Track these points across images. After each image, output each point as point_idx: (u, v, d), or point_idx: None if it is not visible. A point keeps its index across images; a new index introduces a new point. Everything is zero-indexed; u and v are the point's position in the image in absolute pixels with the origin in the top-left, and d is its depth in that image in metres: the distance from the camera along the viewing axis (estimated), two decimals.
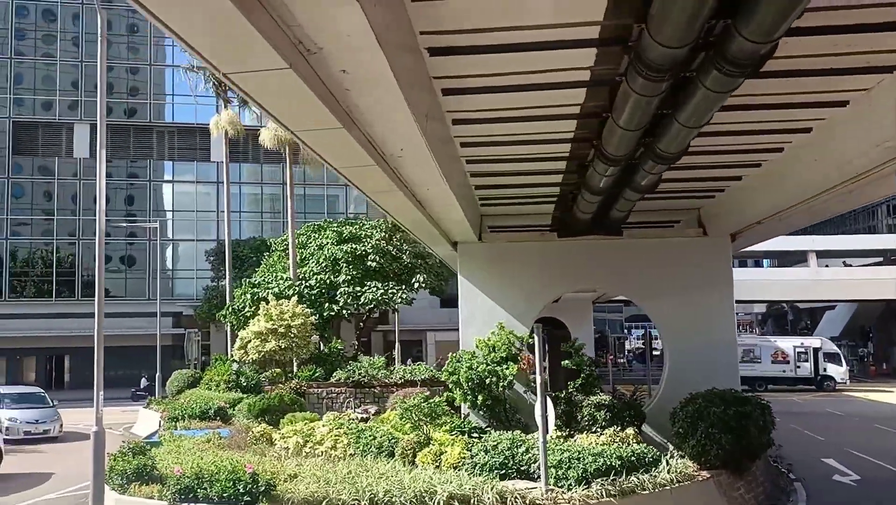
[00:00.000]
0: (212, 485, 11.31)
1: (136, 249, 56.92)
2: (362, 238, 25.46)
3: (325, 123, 6.52)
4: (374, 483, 11.53)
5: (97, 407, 11.16)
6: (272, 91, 5.84)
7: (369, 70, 5.77)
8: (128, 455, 14.12)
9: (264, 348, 20.90)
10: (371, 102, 6.58)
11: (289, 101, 6.18)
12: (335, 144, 7.57)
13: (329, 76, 5.90)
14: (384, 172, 8.68)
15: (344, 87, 6.13)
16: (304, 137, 7.32)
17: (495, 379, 15.27)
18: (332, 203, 59.90)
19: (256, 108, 6.48)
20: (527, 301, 16.79)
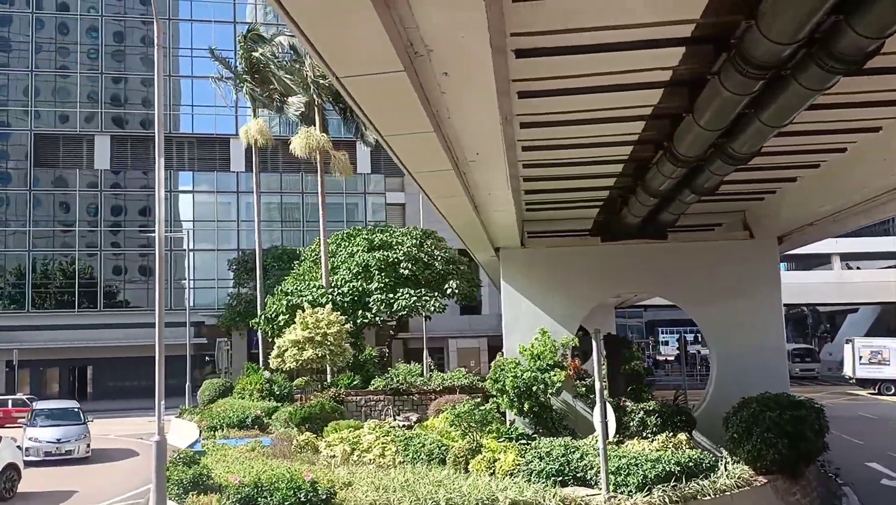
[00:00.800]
0: (272, 494, 11.23)
1: (152, 259, 57.14)
2: (393, 245, 25.42)
3: (418, 127, 6.48)
4: (433, 491, 11.44)
5: (159, 417, 11.13)
6: (377, 95, 5.81)
7: (472, 72, 5.73)
8: (179, 465, 14.16)
9: (301, 357, 20.85)
10: (462, 106, 6.53)
11: (390, 105, 6.14)
12: (420, 149, 7.53)
13: (428, 79, 5.86)
14: (456, 176, 8.64)
15: (440, 90, 6.09)
16: (392, 141, 7.28)
17: (542, 386, 15.14)
18: (350, 211, 59.97)
19: (359, 114, 6.37)
20: (570, 306, 16.68)
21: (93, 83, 56.28)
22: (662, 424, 14.81)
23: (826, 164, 12.03)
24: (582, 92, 8.31)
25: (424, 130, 6.59)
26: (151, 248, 56.35)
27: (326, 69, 5.33)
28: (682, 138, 8.73)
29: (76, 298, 54.40)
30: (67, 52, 56.27)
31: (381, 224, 56.51)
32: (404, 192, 60.51)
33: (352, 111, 24.86)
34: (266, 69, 26.53)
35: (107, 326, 52.77)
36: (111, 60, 56.79)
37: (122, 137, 56.74)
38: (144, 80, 58.38)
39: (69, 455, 21.87)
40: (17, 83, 55.09)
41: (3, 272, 53.85)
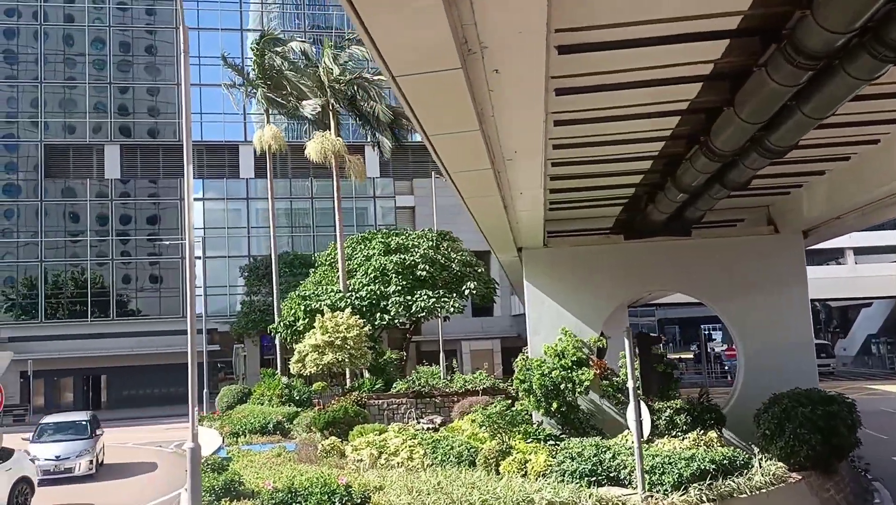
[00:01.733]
0: (306, 499, 11.20)
1: (163, 268, 57.28)
2: (410, 248, 25.39)
3: (464, 126, 6.43)
4: (467, 493, 11.37)
5: (193, 423, 11.09)
6: (430, 93, 5.77)
7: (523, 70, 5.68)
8: (208, 471, 14.13)
9: (322, 361, 20.82)
10: (508, 103, 6.48)
11: (441, 104, 6.10)
12: (463, 148, 7.48)
13: (477, 77, 5.81)
14: (492, 176, 8.59)
15: (488, 87, 6.04)
16: (436, 141, 7.24)
17: (570, 385, 15.05)
18: (360, 215, 60.01)
19: (409, 114, 6.30)
20: (594, 305, 16.61)
21: (100, 93, 56.50)
22: (692, 423, 14.70)
23: (857, 156, 11.93)
24: (619, 88, 8.25)
25: (470, 129, 6.54)
26: (162, 256, 56.55)
27: (383, 68, 5.29)
28: (721, 132, 8.66)
29: (88, 307, 54.53)
30: (74, 63, 56.50)
31: (391, 227, 56.61)
32: (413, 195, 60.53)
33: (366, 115, 24.89)
34: (280, 74, 26.54)
35: (119, 335, 52.89)
36: (117, 71, 57.04)
37: (132, 147, 56.94)
38: (150, 89, 58.64)
39: (69, 473, 20.29)
40: (26, 95, 55.36)
41: (16, 283, 54.05)
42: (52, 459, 20.23)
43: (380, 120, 24.48)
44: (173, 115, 58.42)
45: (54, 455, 20.35)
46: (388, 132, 24.99)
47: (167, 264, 56.94)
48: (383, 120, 24.47)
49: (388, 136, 25.16)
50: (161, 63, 58.73)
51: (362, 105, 24.21)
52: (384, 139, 25.37)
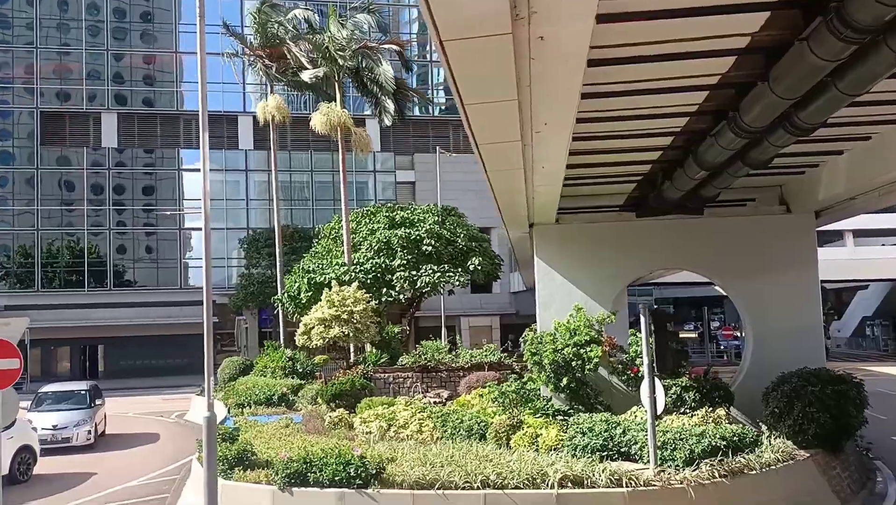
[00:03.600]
0: (321, 469, 11.23)
1: (161, 238, 57.04)
2: (415, 223, 25.27)
3: (502, 95, 6.32)
4: (480, 465, 11.42)
5: (208, 393, 11.06)
6: (474, 58, 5.63)
7: (570, 38, 5.55)
8: (218, 441, 14.14)
9: (328, 335, 20.80)
10: (547, 73, 6.35)
11: (484, 71, 5.98)
12: (497, 118, 7.36)
13: (520, 44, 5.68)
14: (519, 148, 8.48)
15: (530, 56, 5.91)
16: (472, 110, 7.10)
17: (580, 362, 15.07)
18: (360, 190, 59.75)
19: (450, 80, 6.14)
20: (605, 283, 16.59)
21: (96, 60, 55.70)
22: (700, 400, 14.77)
23: (878, 135, 11.84)
24: (652, 60, 8.12)
25: (507, 99, 6.43)
26: (159, 227, 56.28)
27: (433, 31, 5.15)
28: (751, 107, 8.56)
29: (85, 277, 54.33)
30: (69, 29, 55.62)
31: (391, 202, 56.38)
32: (414, 170, 60.28)
33: (369, 85, 24.58)
34: (282, 43, 26.15)
35: (117, 305, 52.73)
36: (113, 38, 56.19)
37: (129, 115, 56.35)
38: (147, 57, 57.83)
39: (67, 443, 20.09)
40: (20, 61, 54.53)
41: (11, 252, 53.74)
42: (49, 428, 20.05)
43: (384, 89, 24.19)
44: (171, 84, 57.81)
45: (52, 424, 20.19)
46: (392, 101, 24.72)
47: (164, 235, 56.71)
48: (387, 89, 24.19)
49: (391, 105, 24.89)
50: (158, 31, 57.93)
51: (366, 74, 23.91)
52: (387, 108, 25.08)
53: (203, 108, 11.12)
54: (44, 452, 19.15)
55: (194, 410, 27.54)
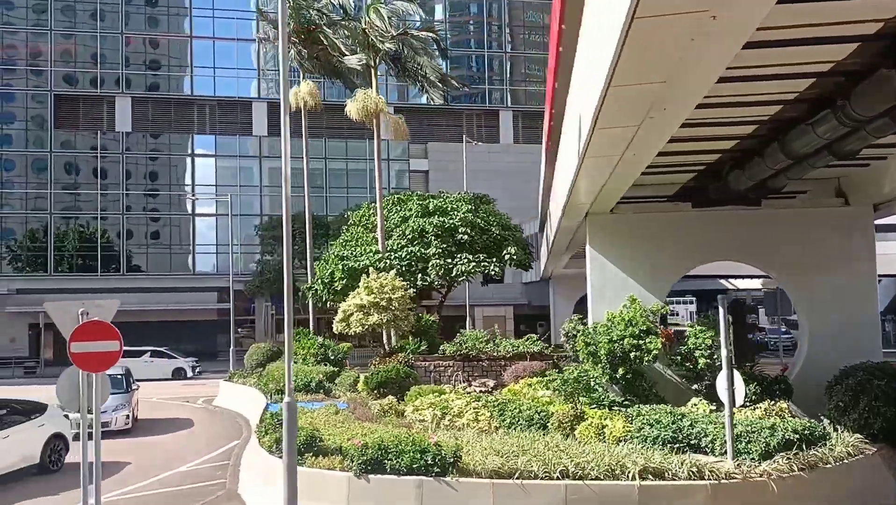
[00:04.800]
0: (398, 456, 11.11)
1: (173, 224, 56.80)
2: (449, 211, 25.10)
3: (653, 77, 6.14)
4: (556, 456, 11.30)
5: (288, 379, 10.92)
6: (650, 36, 5.45)
7: (741, 19, 5.37)
8: (278, 427, 14.01)
9: (368, 322, 20.67)
10: (702, 54, 6.15)
11: (653, 50, 5.79)
12: (632, 101, 7.18)
13: (690, 23, 5.48)
14: (631, 133, 8.29)
15: (689, 37, 5.73)
16: (615, 91, 6.90)
17: (639, 353, 14.96)
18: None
19: (611, 59, 5.92)
20: (660, 274, 16.49)
21: (109, 44, 55.22)
22: (761, 393, 14.69)
23: None
24: (772, 45, 7.93)
25: (655, 81, 6.26)
26: (172, 212, 56.02)
27: (631, 5, 4.97)
28: (866, 95, 8.40)
29: (98, 261, 54.13)
30: (82, 13, 55.11)
31: (405, 191, 56.13)
32: (427, 159, 60.05)
33: (412, 72, 24.35)
34: (318, 29, 25.90)
35: (129, 291, 52.43)
36: (130, 22, 55.71)
37: (143, 99, 55.97)
38: (162, 41, 57.40)
39: (105, 427, 19.46)
40: (34, 45, 54.04)
41: (24, 235, 53.47)
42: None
43: (427, 77, 23.99)
44: (185, 69, 57.34)
45: None
46: (436, 89, 24.52)
47: (176, 221, 56.47)
48: (431, 77, 23.98)
49: (437, 92, 24.70)
50: (174, 14, 57.44)
51: (408, 61, 23.70)
52: (433, 95, 24.88)
53: (284, 94, 10.89)
54: (78, 437, 19.92)
55: (224, 395, 27.42)
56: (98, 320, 8.44)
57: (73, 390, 8.86)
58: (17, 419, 15.03)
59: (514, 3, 63.48)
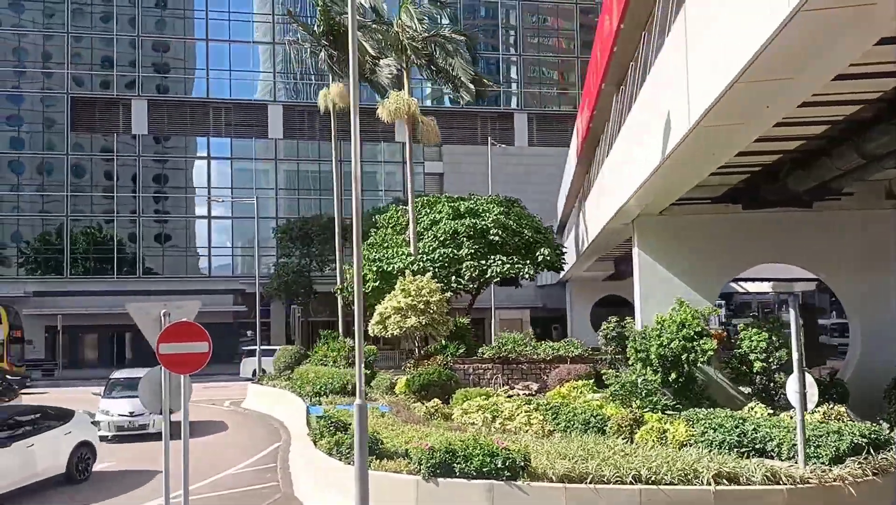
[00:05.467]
0: (467, 459, 10.98)
1: (190, 227, 56.78)
2: (480, 213, 24.99)
3: (790, 72, 6.00)
4: (626, 461, 11.16)
5: (360, 381, 10.80)
6: (811, 31, 5.33)
7: None
8: (331, 429, 13.90)
9: (405, 324, 20.55)
10: (838, 48, 6.00)
11: (802, 44, 5.66)
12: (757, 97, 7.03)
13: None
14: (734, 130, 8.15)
15: (838, 27, 5.59)
16: (742, 87, 6.75)
17: (692, 355, 14.82)
18: (388, 180, 59.54)
19: (747, 56, 5.80)
20: (709, 276, 16.36)
21: (126, 48, 55.22)
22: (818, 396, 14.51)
23: None
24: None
25: (786, 77, 6.15)
26: (187, 215, 56.01)
27: None
28: None
29: (115, 264, 54.10)
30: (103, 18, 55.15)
31: (419, 193, 56.04)
32: (442, 161, 59.99)
33: (445, 73, 24.27)
34: (346, 32, 25.76)
35: (146, 293, 52.34)
36: (147, 26, 55.73)
37: (159, 102, 55.98)
38: (178, 45, 57.40)
39: (143, 430, 19.81)
40: (53, 48, 54.06)
41: (38, 238, 53.44)
42: (125, 414, 19.93)
43: (459, 77, 23.91)
44: (208, 72, 57.27)
45: (128, 411, 19.95)
46: (468, 90, 24.43)
47: (192, 223, 56.44)
48: (464, 78, 23.90)
49: (469, 94, 24.61)
50: (188, 16, 57.42)
51: (440, 63, 23.62)
52: (465, 96, 24.79)
53: (354, 101, 10.79)
54: (120, 438, 19.66)
55: (253, 397, 27.32)
56: (187, 321, 8.35)
57: (155, 391, 8.74)
58: (43, 426, 14.15)
59: (527, 6, 63.48)
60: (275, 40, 28.85)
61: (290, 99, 58.36)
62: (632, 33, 12.94)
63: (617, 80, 16.48)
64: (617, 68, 15.48)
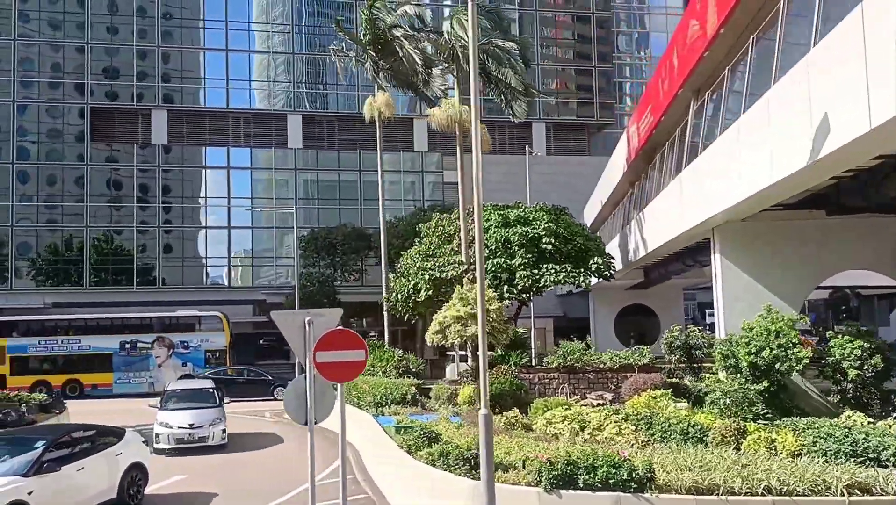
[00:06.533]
0: (590, 471, 10.70)
1: (208, 237, 56.51)
2: (530, 221, 24.78)
3: None
4: (752, 471, 10.89)
5: (484, 391, 10.54)
6: None
7: None
8: (425, 440, 13.61)
9: (466, 333, 20.24)
10: None
11: None
12: None
13: None
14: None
15: None
16: None
17: (786, 363, 14.58)
18: (407, 190, 59.39)
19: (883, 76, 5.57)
20: (794, 283, 16.15)
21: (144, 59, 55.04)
22: None
23: None
24: None
25: None
26: (207, 226, 55.72)
27: None
28: None
29: (134, 274, 53.77)
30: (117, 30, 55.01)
31: (438, 203, 55.79)
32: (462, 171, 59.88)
33: (497, 82, 24.11)
34: (395, 41, 25.72)
35: (164, 304, 51.97)
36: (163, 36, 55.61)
37: (178, 112, 55.82)
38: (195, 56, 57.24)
39: (203, 442, 19.46)
40: (70, 60, 53.82)
41: (53, 248, 53.05)
42: (185, 427, 19.52)
43: (512, 87, 23.77)
44: (228, 82, 57.11)
45: (188, 423, 19.57)
46: (521, 99, 24.28)
47: (214, 235, 56.12)
48: (516, 87, 23.76)
49: (522, 103, 24.45)
50: (208, 28, 57.31)
51: (492, 71, 23.48)
52: (517, 106, 24.64)
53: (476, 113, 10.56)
54: (181, 451, 19.16)
55: None
56: (344, 329, 8.09)
57: (300, 401, 8.47)
58: (94, 447, 12.95)
59: (543, 18, 63.61)
60: (333, 51, 28.48)
61: (309, 109, 58.29)
62: (732, 37, 12.80)
63: (697, 86, 16.34)
64: (701, 75, 15.33)
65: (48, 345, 37.70)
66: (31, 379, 35.87)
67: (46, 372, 37.27)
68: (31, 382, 35.35)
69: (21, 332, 38.27)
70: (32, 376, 36.32)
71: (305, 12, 58.69)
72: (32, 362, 37.48)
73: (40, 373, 37.01)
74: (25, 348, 37.55)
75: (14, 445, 12.40)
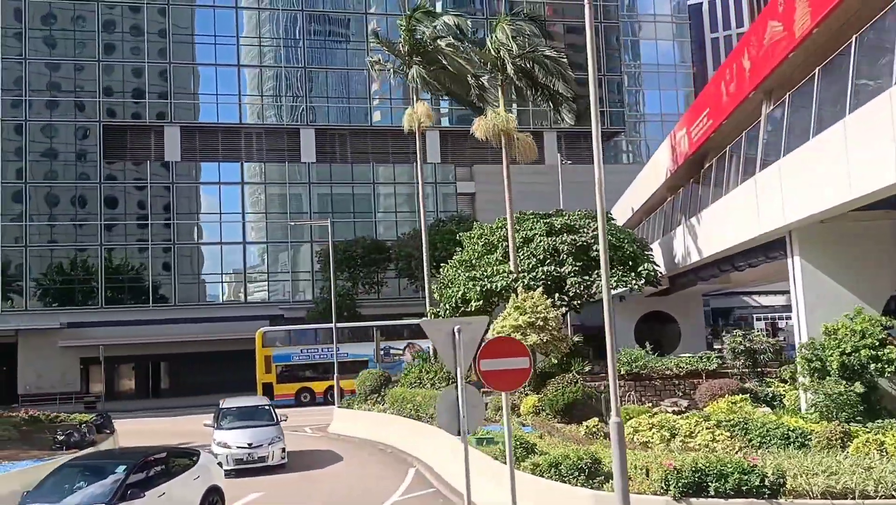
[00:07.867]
0: (720, 478, 10.46)
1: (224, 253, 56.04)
2: (577, 228, 24.63)
3: None
4: (881, 475, 10.66)
5: (615, 398, 10.27)
6: None
7: None
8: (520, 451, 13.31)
9: (527, 342, 19.99)
10: None
11: None
12: None
13: None
14: None
15: None
16: None
17: (880, 365, 14.41)
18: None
19: None
20: (876, 284, 15.99)
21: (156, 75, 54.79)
22: None
23: None
24: None
25: None
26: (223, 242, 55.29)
27: None
28: None
29: (150, 293, 53.21)
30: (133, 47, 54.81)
31: (453, 213, 55.59)
32: (474, 181, 59.62)
33: (545, 90, 24.02)
34: (436, 50, 25.62)
35: (182, 321, 51.47)
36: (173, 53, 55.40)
37: (190, 129, 55.52)
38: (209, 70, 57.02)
39: (263, 463, 18.83)
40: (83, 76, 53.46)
41: (75, 267, 52.50)
42: (244, 446, 18.85)
43: (561, 95, 23.68)
44: (241, 97, 56.90)
45: (247, 442, 18.93)
46: (568, 107, 24.19)
47: (228, 250, 55.68)
48: (564, 94, 23.67)
49: (569, 111, 24.36)
50: (220, 43, 57.13)
51: (539, 79, 23.39)
52: (566, 116, 24.55)
53: (596, 121, 10.41)
54: (239, 472, 18.46)
55: (342, 422, 26.62)
56: (508, 337, 8.03)
57: (452, 414, 8.21)
58: (170, 471, 12.27)
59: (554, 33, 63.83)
60: (370, 63, 28.39)
61: (323, 123, 58.15)
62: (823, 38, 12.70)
63: (770, 88, 16.24)
64: (780, 76, 15.23)
65: (310, 353, 39.81)
66: (296, 386, 38.39)
67: (309, 379, 39.37)
68: (295, 389, 38.02)
69: (283, 342, 40.53)
70: (297, 384, 38.72)
71: (313, 27, 58.66)
72: (296, 370, 39.54)
73: (303, 380, 39.20)
74: (289, 357, 39.74)
75: (92, 471, 11.74)
